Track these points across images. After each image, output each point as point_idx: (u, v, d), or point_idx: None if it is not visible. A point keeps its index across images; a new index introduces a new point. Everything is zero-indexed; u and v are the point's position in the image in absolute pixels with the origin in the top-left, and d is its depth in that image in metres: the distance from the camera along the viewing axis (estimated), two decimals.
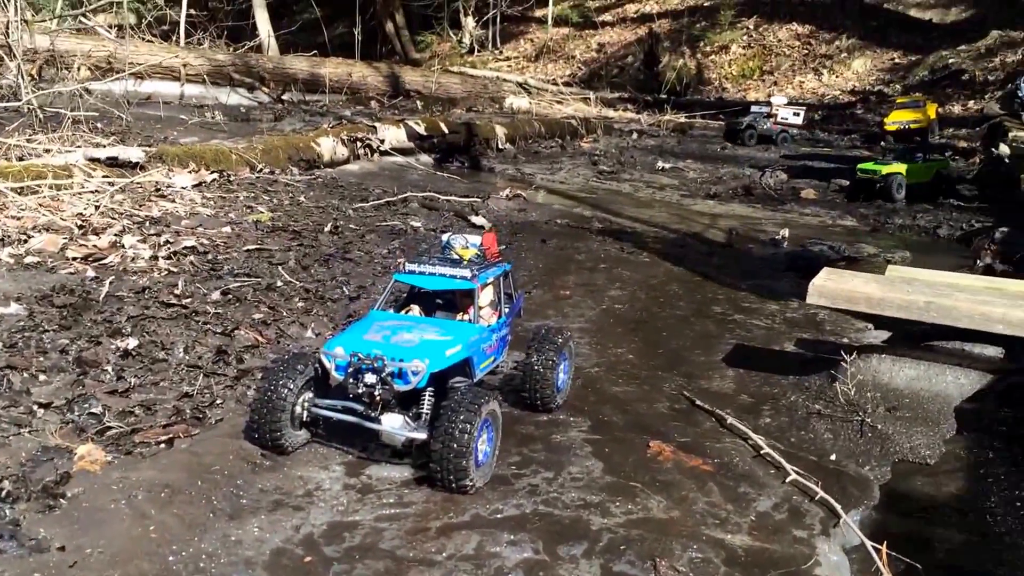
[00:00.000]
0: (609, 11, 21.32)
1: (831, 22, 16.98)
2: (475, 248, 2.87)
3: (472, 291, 2.64)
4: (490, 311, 2.81)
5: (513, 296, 3.02)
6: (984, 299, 2.76)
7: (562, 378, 2.81)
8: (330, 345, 2.39)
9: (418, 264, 2.71)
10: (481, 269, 2.70)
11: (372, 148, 7.82)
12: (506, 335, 2.88)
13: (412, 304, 2.80)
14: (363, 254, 4.54)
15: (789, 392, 3.02)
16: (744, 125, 10.57)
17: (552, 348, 2.74)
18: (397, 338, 2.40)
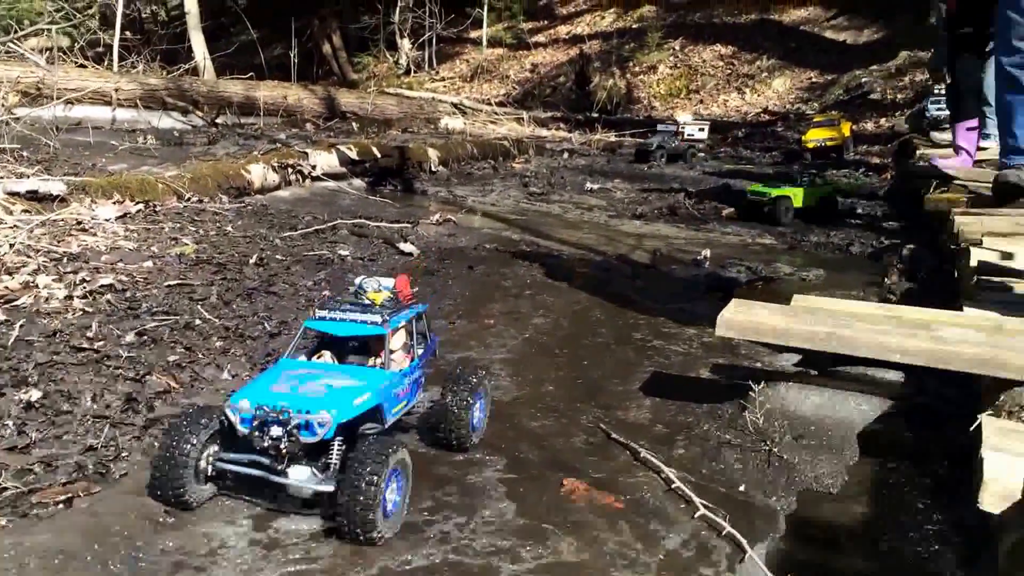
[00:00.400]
0: (542, 32, 21.45)
1: (752, 43, 17.29)
2: (388, 291, 2.80)
3: (383, 336, 2.58)
4: (403, 354, 2.74)
5: (428, 337, 2.94)
6: (882, 328, 2.77)
7: (478, 416, 2.75)
8: (235, 398, 2.30)
9: (328, 310, 2.63)
10: (393, 313, 2.63)
11: (304, 174, 7.70)
12: (419, 377, 2.81)
13: (324, 350, 2.70)
14: (288, 286, 4.44)
15: (702, 421, 3.00)
16: (655, 146, 10.58)
17: (467, 388, 2.67)
18: (304, 388, 2.33)
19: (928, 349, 2.64)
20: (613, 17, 21.02)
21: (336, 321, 2.61)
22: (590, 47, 19.23)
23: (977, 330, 2.80)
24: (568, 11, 22.59)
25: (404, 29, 20.93)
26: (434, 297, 4.50)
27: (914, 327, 2.83)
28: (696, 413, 3.08)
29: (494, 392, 3.22)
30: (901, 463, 2.70)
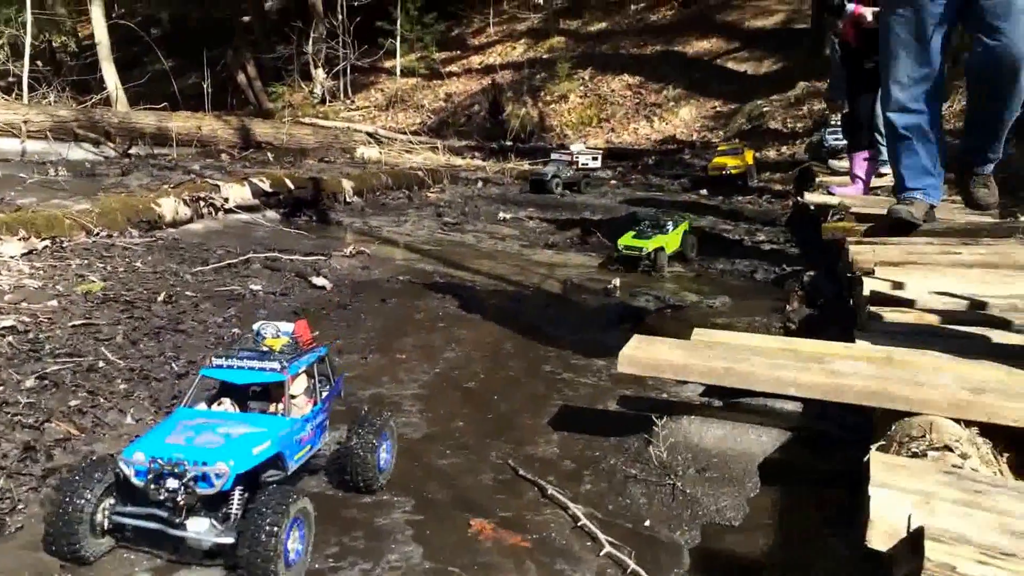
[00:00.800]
0: (455, 62, 21.52)
1: (658, 74, 17.65)
2: (287, 336, 2.74)
3: (283, 383, 2.51)
4: (305, 399, 2.67)
5: (331, 379, 2.87)
6: (778, 362, 2.82)
7: (384, 458, 2.69)
8: (128, 451, 2.20)
9: (225, 358, 2.56)
10: (293, 359, 2.57)
11: (216, 206, 7.52)
12: (323, 420, 2.74)
13: (223, 398, 2.62)
14: (197, 324, 4.30)
15: (609, 455, 3.00)
16: (550, 175, 10.48)
17: (372, 430, 2.62)
18: (201, 439, 2.25)
19: (821, 383, 2.69)
20: (524, 47, 21.22)
21: (233, 369, 2.52)
22: (502, 77, 19.36)
23: (868, 362, 2.87)
24: (480, 41, 22.72)
25: (318, 59, 20.74)
26: (347, 331, 4.43)
27: (809, 360, 2.88)
28: (603, 447, 3.08)
29: (404, 429, 3.17)
30: (802, 492, 2.74)
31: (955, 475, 2.07)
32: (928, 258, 4.82)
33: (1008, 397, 2.52)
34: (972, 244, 5.31)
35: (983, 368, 2.85)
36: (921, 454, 2.32)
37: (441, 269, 6.18)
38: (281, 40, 22.67)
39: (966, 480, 2.05)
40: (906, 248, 5.17)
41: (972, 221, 6.19)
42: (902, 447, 2.46)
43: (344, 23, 19.92)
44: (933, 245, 5.29)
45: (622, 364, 2.90)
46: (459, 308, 5.06)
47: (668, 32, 19.29)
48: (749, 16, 18.83)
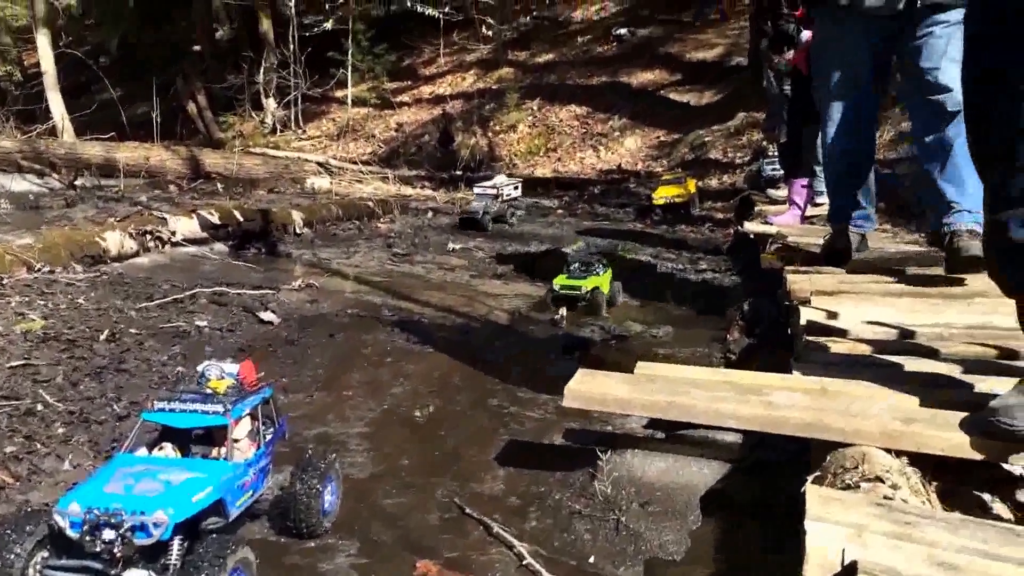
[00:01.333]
0: (406, 92, 21.54)
1: (604, 104, 17.85)
2: (231, 378, 2.68)
3: (226, 427, 2.45)
4: (248, 443, 2.64)
5: (276, 420, 2.81)
6: (718, 395, 2.84)
7: (329, 500, 2.64)
8: (64, 501, 2.13)
9: (167, 401, 2.50)
10: (237, 401, 2.51)
11: (163, 240, 7.40)
12: (267, 464, 2.68)
13: (165, 442, 2.55)
14: (140, 363, 4.22)
15: (554, 491, 2.99)
16: (481, 213, 10.11)
17: (316, 474, 2.57)
18: (141, 487, 2.21)
19: (760, 415, 2.72)
20: (474, 78, 21.32)
21: (175, 412, 2.46)
22: (453, 107, 19.42)
23: (804, 393, 2.91)
24: (431, 72, 22.79)
25: (269, 88, 20.61)
26: (293, 368, 4.37)
27: (747, 392, 2.91)
28: (548, 482, 3.07)
29: (350, 469, 3.13)
30: (743, 522, 2.76)
31: (886, 507, 2.10)
32: (861, 287, 4.90)
33: (936, 427, 2.57)
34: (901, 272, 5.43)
35: (913, 398, 2.90)
36: (854, 485, 2.35)
37: (390, 301, 6.14)
38: (232, 69, 22.49)
39: (896, 512, 2.08)
40: (839, 277, 5.26)
41: (902, 250, 6.34)
42: (836, 478, 2.49)
43: (295, 53, 19.85)
44: (864, 273, 5.40)
45: (567, 399, 2.90)
46: (407, 341, 5.03)
47: (613, 63, 19.53)
48: (690, 49, 19.15)
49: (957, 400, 2.87)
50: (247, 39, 23.63)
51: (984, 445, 2.43)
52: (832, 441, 2.66)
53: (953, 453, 2.50)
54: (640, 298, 6.60)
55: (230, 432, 2.46)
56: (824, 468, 2.59)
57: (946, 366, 3.33)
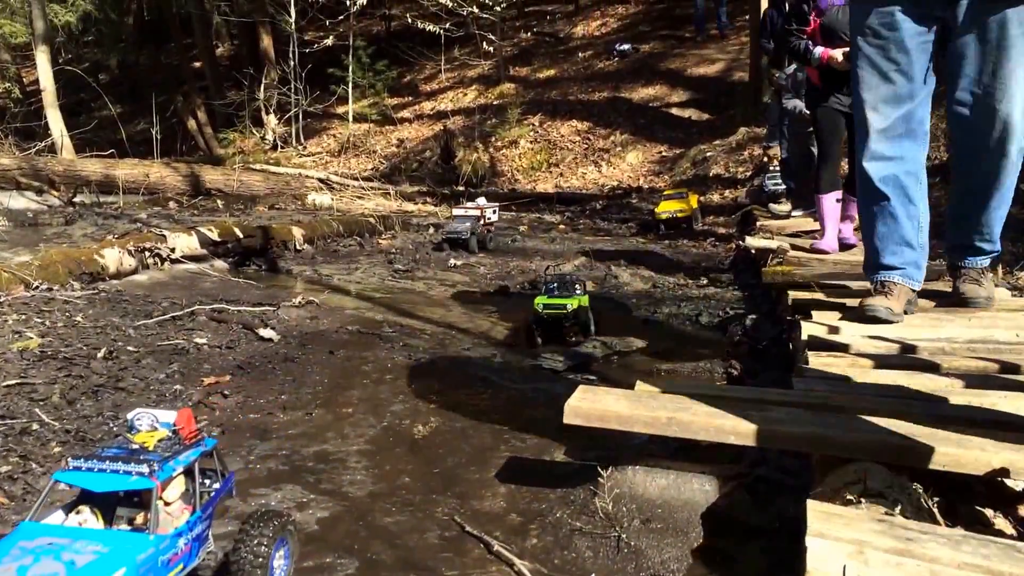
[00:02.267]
0: (407, 108, 21.65)
1: (606, 119, 17.93)
2: (166, 428, 2.34)
3: (151, 491, 2.07)
4: (181, 506, 2.28)
5: (222, 474, 2.52)
6: (718, 411, 2.85)
7: (280, 567, 2.37)
8: None
9: (85, 459, 2.13)
10: (167, 458, 2.15)
11: (162, 257, 7.43)
12: (204, 531, 2.33)
13: (84, 505, 2.20)
14: (138, 381, 4.23)
15: (555, 508, 2.99)
16: (469, 233, 9.68)
17: (264, 538, 2.28)
18: (38, 569, 1.84)
19: (760, 430, 2.72)
20: (475, 94, 21.43)
21: (93, 472, 2.10)
22: (454, 122, 19.51)
23: (804, 408, 2.92)
24: (432, 88, 22.91)
25: (270, 105, 20.73)
26: (292, 386, 4.38)
27: (747, 407, 2.92)
28: (549, 499, 3.07)
29: (349, 488, 3.14)
30: (745, 540, 2.75)
31: (887, 523, 2.10)
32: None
33: (936, 441, 2.57)
34: None
35: (914, 414, 2.91)
36: (855, 501, 2.36)
37: (391, 318, 6.16)
38: (232, 86, 22.64)
39: (898, 528, 2.08)
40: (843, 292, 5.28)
41: None
42: (837, 494, 2.49)
43: (296, 69, 19.97)
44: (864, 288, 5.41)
45: (568, 416, 2.91)
46: (408, 358, 5.03)
47: (614, 79, 19.63)
48: (691, 64, 19.26)
49: (958, 415, 2.88)
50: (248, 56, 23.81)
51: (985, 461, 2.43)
52: (833, 456, 2.67)
53: (954, 468, 2.51)
54: (641, 314, 6.60)
55: (155, 497, 2.09)
56: (825, 484, 2.59)
57: (947, 381, 3.34)
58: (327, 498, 3.06)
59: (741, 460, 3.19)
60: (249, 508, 2.94)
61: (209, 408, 3.95)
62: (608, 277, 7.93)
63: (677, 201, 11.44)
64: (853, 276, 5.87)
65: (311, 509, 2.96)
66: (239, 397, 4.13)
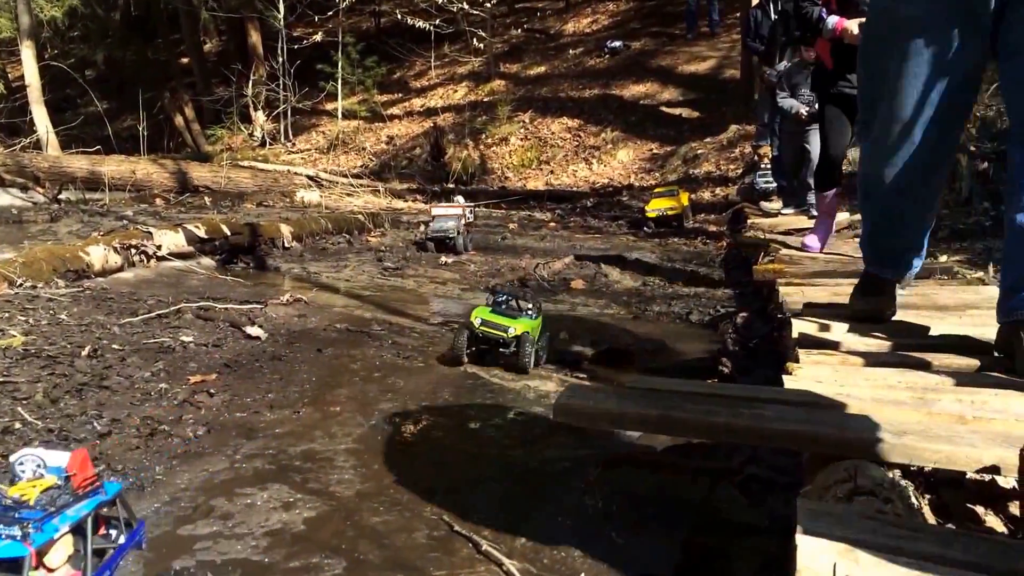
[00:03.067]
0: (396, 105, 21.60)
1: (596, 117, 17.92)
2: (55, 476, 1.98)
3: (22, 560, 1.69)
4: (68, 572, 1.92)
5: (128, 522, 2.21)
6: (710, 408, 2.84)
7: None
8: None
9: None
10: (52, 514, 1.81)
11: (148, 254, 7.39)
12: None
13: None
14: (123, 379, 4.19)
15: (545, 506, 2.98)
16: (455, 232, 9.38)
17: None
18: None
19: (752, 427, 2.71)
20: (465, 91, 21.40)
21: None
22: (444, 119, 19.47)
23: (796, 406, 2.91)
24: (422, 84, 22.87)
25: (258, 101, 20.65)
26: (280, 384, 4.35)
27: (739, 405, 2.91)
28: (539, 498, 3.06)
29: (337, 487, 3.12)
30: (735, 538, 2.75)
31: (878, 521, 2.09)
32: None
33: (927, 439, 2.57)
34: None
35: (904, 411, 2.90)
36: (847, 499, 2.35)
37: (380, 316, 6.14)
38: (220, 82, 22.54)
39: (889, 526, 2.07)
40: (833, 290, 5.28)
41: None
42: (828, 492, 2.49)
43: (284, 65, 19.89)
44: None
45: (557, 414, 2.89)
46: (397, 356, 5.02)
47: (605, 76, 19.63)
48: (682, 62, 19.28)
49: (950, 412, 2.88)
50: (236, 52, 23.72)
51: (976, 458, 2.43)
52: (823, 454, 2.66)
53: (944, 465, 2.50)
54: (632, 311, 6.60)
55: (26, 568, 1.71)
56: (816, 482, 2.59)
57: (937, 378, 3.34)
58: (314, 497, 3.04)
59: (732, 458, 3.19)
60: (236, 508, 2.92)
61: (195, 407, 3.92)
62: (598, 275, 7.94)
63: (668, 199, 11.46)
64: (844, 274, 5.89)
65: (297, 509, 2.94)
66: (225, 396, 4.10)
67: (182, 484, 3.11)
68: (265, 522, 2.81)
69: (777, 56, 9.57)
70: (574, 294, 7.31)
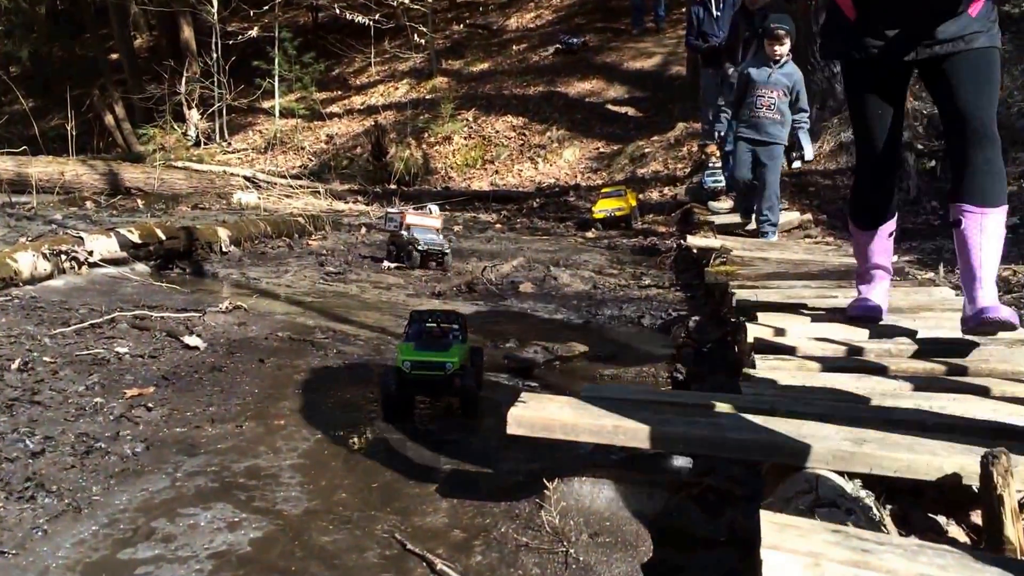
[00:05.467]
0: (336, 103, 21.35)
1: (542, 114, 17.92)
2: None
3: None
4: None
5: None
6: (666, 417, 2.84)
7: None
8: None
9: None
10: None
11: (80, 260, 7.17)
12: None
13: None
14: (55, 394, 4.05)
15: (500, 522, 2.94)
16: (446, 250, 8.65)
17: None
18: None
19: (709, 437, 2.72)
20: (407, 88, 21.23)
21: None
22: (385, 117, 19.27)
23: (752, 414, 2.92)
24: (361, 81, 22.62)
25: (192, 99, 20.22)
26: (221, 397, 4.24)
27: (695, 413, 2.91)
28: (494, 513, 3.02)
29: (283, 505, 3.05)
30: (695, 552, 2.75)
31: (843, 534, 2.10)
32: (808, 302, 4.99)
33: (887, 447, 2.60)
34: (846, 287, 5.53)
35: (863, 418, 2.93)
36: (808, 511, 2.36)
37: (324, 323, 6.03)
38: (152, 79, 22.03)
39: (853, 539, 2.08)
40: (785, 292, 5.35)
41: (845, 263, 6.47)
42: (789, 504, 2.50)
43: (219, 62, 19.50)
44: (810, 288, 5.49)
45: (511, 425, 2.87)
46: (343, 366, 4.94)
47: (549, 73, 19.63)
48: (628, 58, 19.38)
49: (908, 419, 2.92)
50: (168, 47, 23.20)
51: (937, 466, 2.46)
52: (783, 464, 2.68)
53: (906, 474, 2.53)
54: (582, 316, 6.60)
55: None
56: (777, 494, 2.60)
57: (895, 384, 3.39)
58: (260, 516, 2.96)
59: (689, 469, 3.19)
60: (178, 530, 2.83)
61: (132, 422, 3.80)
62: (547, 278, 7.92)
63: (615, 199, 11.46)
64: (796, 275, 5.97)
65: (243, 529, 2.86)
66: (164, 410, 3.99)
67: (121, 505, 3.00)
68: (209, 544, 2.73)
69: (740, 51, 9.57)
70: (523, 298, 7.28)
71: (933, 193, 10.14)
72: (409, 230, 8.52)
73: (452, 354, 3.98)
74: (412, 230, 8.52)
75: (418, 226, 8.60)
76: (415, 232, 8.51)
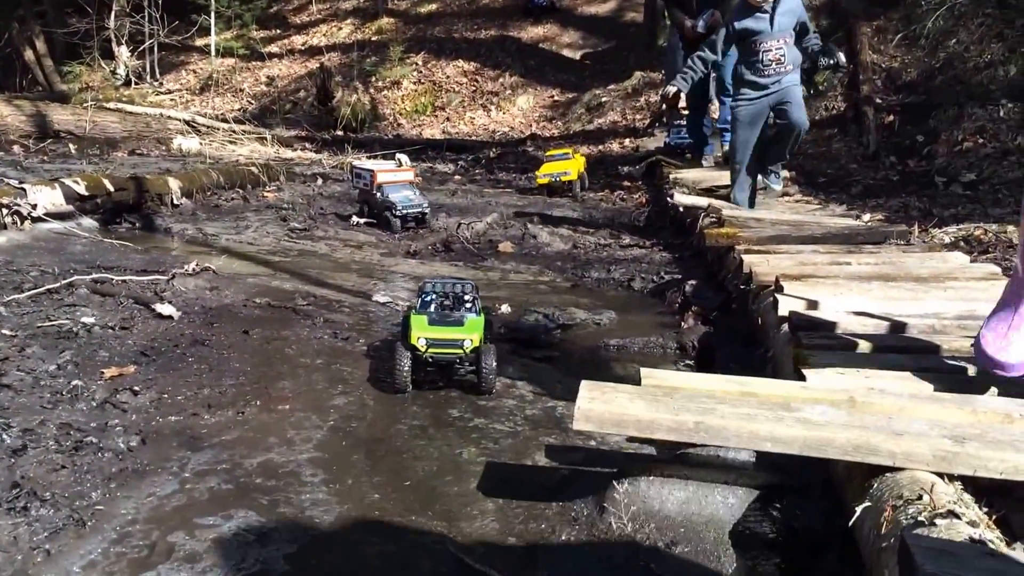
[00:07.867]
0: (275, 42, 20.53)
1: (494, 60, 17.46)
2: None
3: None
4: None
5: None
6: (748, 412, 2.60)
7: None
8: None
9: None
10: None
11: (22, 215, 6.61)
12: None
13: None
14: (25, 375, 3.64)
15: (558, 528, 2.68)
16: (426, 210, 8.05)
17: None
18: None
19: (800, 436, 2.49)
20: (351, 29, 20.47)
21: None
22: (330, 60, 18.56)
23: (834, 406, 2.70)
24: (302, 20, 21.75)
25: (121, 35, 19.14)
26: (211, 377, 3.88)
27: (776, 408, 2.68)
28: (548, 516, 2.75)
29: (312, 510, 2.75)
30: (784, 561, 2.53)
31: (998, 559, 1.90)
32: (823, 269, 4.80)
33: (989, 445, 2.41)
34: (856, 252, 5.38)
35: (945, 409, 2.75)
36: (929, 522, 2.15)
37: (301, 287, 5.66)
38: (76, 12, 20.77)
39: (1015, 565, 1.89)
40: (796, 258, 5.17)
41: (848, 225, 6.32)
42: (896, 511, 2.29)
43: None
44: (819, 253, 5.32)
45: (579, 420, 2.59)
46: (334, 337, 4.59)
47: (501, 16, 19.12)
48: (582, 3, 18.95)
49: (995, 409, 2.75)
50: None
51: None
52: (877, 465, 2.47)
53: (1013, 476, 2.35)
54: (568, 278, 6.33)
55: None
56: (874, 497, 2.39)
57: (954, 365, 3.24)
58: (290, 526, 2.63)
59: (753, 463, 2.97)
60: (200, 545, 2.50)
61: (119, 409, 3.42)
62: (526, 236, 7.62)
63: (561, 163, 10.33)
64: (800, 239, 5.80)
65: (275, 543, 2.53)
66: (152, 393, 3.61)
67: (128, 515, 2.65)
68: (241, 563, 2.41)
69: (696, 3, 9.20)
70: (503, 259, 6.97)
71: (892, 148, 10.08)
72: (382, 190, 7.88)
73: (469, 328, 3.73)
74: (385, 189, 7.88)
75: (391, 183, 7.95)
76: (389, 192, 7.86)
